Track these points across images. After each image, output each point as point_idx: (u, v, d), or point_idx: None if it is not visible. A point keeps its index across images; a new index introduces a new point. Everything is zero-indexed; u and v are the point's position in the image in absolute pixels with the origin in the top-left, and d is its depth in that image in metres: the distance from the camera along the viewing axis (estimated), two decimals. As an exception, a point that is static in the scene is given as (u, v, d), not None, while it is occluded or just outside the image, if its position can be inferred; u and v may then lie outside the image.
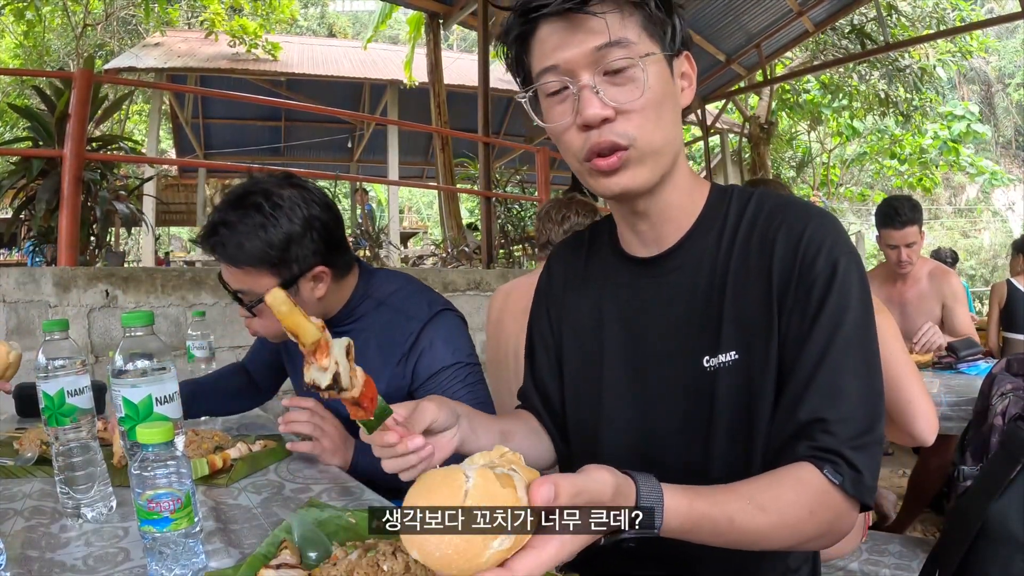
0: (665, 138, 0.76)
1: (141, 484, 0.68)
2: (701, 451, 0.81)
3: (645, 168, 0.76)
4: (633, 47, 0.72)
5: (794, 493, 0.68)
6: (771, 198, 0.82)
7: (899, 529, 2.33)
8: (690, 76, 0.80)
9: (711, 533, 0.64)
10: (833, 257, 0.75)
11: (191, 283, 2.97)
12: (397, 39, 17.50)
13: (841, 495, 0.69)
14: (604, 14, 0.71)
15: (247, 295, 1.20)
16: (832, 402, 0.71)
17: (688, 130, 12.36)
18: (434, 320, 1.26)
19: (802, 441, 0.72)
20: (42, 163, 3.64)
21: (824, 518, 0.69)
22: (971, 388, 1.72)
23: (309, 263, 1.19)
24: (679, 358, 0.82)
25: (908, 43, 9.38)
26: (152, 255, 8.85)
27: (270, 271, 1.17)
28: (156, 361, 0.86)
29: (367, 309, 1.30)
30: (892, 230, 2.48)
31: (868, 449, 0.71)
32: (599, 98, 0.73)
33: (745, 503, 0.65)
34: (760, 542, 0.67)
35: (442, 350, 1.24)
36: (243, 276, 1.17)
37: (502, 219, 7.32)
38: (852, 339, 0.73)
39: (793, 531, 0.68)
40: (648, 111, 0.74)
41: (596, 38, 0.72)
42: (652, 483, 0.61)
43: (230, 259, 1.16)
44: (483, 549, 0.49)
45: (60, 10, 11.51)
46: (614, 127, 0.73)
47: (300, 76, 9.80)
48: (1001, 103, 23.24)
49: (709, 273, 0.81)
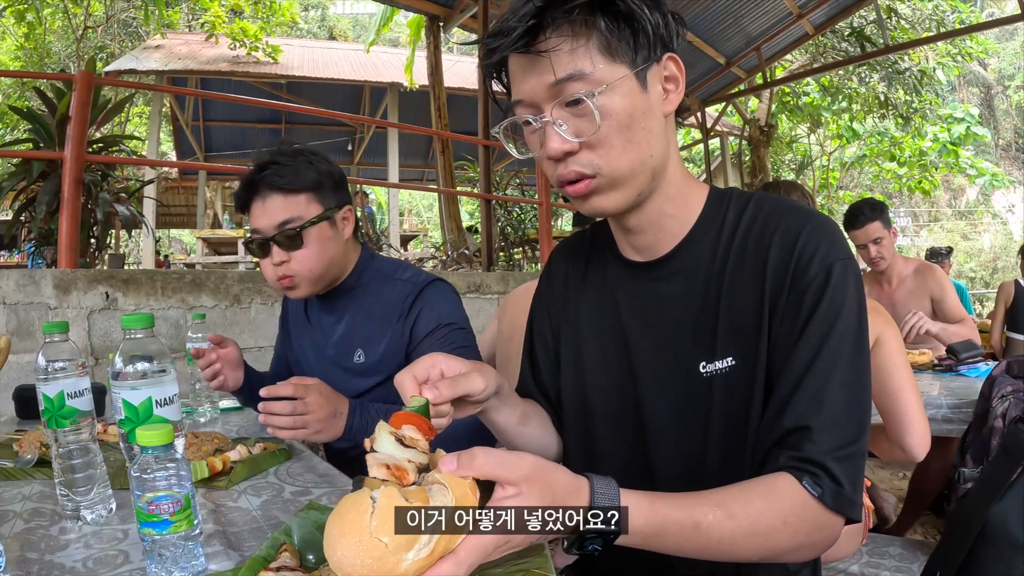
0: (635, 160, 0.74)
1: (141, 486, 0.68)
2: (696, 458, 0.81)
3: (617, 192, 0.76)
4: (588, 77, 0.70)
5: (766, 502, 0.67)
6: (769, 202, 0.81)
7: (899, 532, 2.32)
8: (676, 78, 0.77)
9: (677, 538, 0.63)
10: (827, 263, 0.73)
11: (191, 285, 2.97)
12: (398, 42, 17.53)
13: (820, 507, 0.68)
14: (556, 49, 0.70)
15: (294, 223, 1.31)
16: (817, 410, 0.70)
17: (688, 133, 12.39)
18: (432, 285, 1.39)
19: (784, 450, 0.71)
20: (43, 165, 3.64)
21: (800, 529, 0.68)
22: (971, 390, 1.72)
23: (341, 200, 1.39)
24: (675, 364, 0.81)
25: (908, 45, 9.38)
26: (152, 257, 8.85)
27: (317, 198, 1.34)
28: (156, 363, 0.86)
29: (370, 278, 1.44)
30: (855, 231, 2.58)
31: (851, 460, 0.69)
32: (559, 132, 0.72)
33: (712, 508, 0.64)
34: (731, 551, 0.66)
35: (438, 310, 1.36)
36: (292, 203, 1.31)
37: (502, 222, 7.32)
38: (842, 347, 0.72)
39: (764, 540, 0.66)
40: (611, 139, 0.72)
41: (552, 73, 0.71)
42: (609, 483, 0.61)
43: (285, 185, 1.30)
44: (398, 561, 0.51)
45: (61, 12, 11.55)
46: (579, 158, 0.73)
47: (300, 79, 9.82)
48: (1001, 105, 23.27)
49: (705, 278, 0.80)
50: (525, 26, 0.70)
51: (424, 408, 0.67)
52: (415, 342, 1.35)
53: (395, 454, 0.59)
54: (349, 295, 1.44)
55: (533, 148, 0.78)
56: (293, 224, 1.31)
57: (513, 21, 0.71)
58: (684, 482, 0.69)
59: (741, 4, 7.83)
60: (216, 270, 3.58)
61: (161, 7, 9.67)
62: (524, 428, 0.90)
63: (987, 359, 2.18)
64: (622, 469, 0.87)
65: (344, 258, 1.41)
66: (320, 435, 1.15)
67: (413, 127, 9.04)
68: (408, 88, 9.36)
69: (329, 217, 1.35)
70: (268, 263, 1.35)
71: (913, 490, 2.32)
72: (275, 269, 1.34)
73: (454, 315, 1.37)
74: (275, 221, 1.31)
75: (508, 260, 7.38)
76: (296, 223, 1.31)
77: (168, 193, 11.67)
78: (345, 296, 1.44)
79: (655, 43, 0.73)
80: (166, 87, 8.92)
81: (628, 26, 0.71)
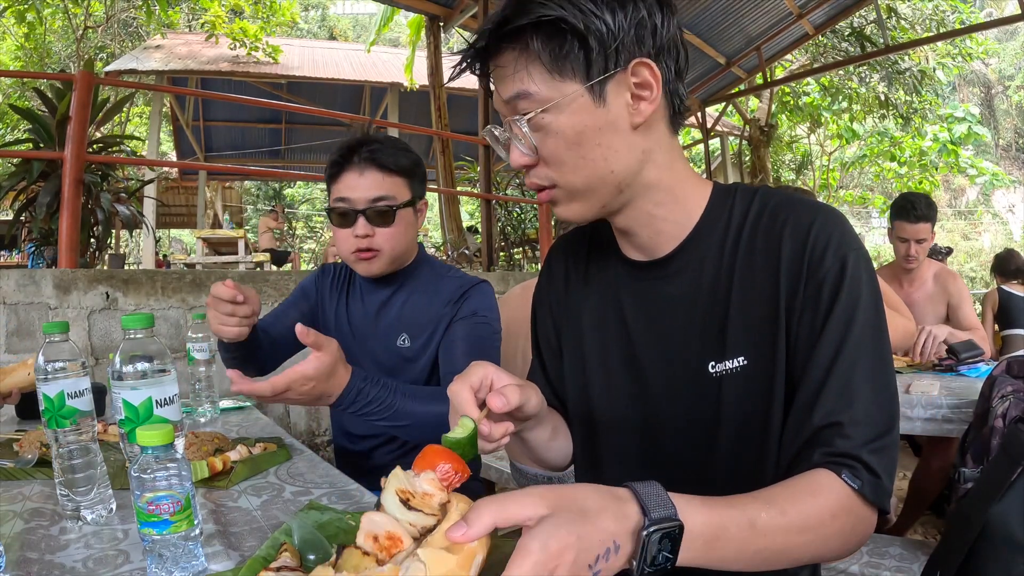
0: (591, 176, 0.73)
1: (141, 486, 0.68)
2: (705, 460, 0.79)
3: (577, 203, 0.77)
4: (533, 97, 0.70)
5: (812, 497, 0.65)
6: (775, 195, 0.80)
7: (900, 532, 2.32)
8: (650, 84, 0.72)
9: (737, 541, 0.58)
10: (842, 253, 0.72)
11: (191, 285, 2.97)
12: (398, 42, 17.53)
13: (860, 500, 0.67)
14: (502, 67, 0.72)
15: (389, 200, 1.37)
16: (847, 405, 0.69)
17: (688, 133, 12.37)
18: (483, 283, 1.46)
19: (817, 447, 0.69)
20: (43, 165, 3.64)
21: (847, 523, 0.66)
22: (971, 390, 1.71)
23: (423, 192, 1.47)
24: (683, 363, 0.80)
25: (908, 45, 9.38)
26: (152, 257, 8.85)
27: (408, 184, 1.41)
28: (156, 363, 0.86)
29: (425, 272, 1.50)
30: (906, 223, 2.50)
31: (886, 452, 0.69)
32: (517, 147, 0.75)
33: (763, 506, 0.61)
34: (784, 551, 0.62)
35: (480, 302, 1.42)
36: (389, 182, 1.38)
37: (502, 222, 7.32)
38: (864, 338, 0.71)
39: (816, 537, 0.63)
40: (561, 156, 0.73)
41: (505, 90, 0.72)
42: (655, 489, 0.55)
43: (386, 164, 1.37)
44: None
45: (61, 12, 11.54)
46: (537, 171, 0.76)
47: (300, 79, 9.81)
48: (1001, 105, 23.26)
49: (713, 276, 0.79)
50: (475, 49, 0.73)
51: (468, 439, 0.63)
52: (452, 323, 1.41)
53: (396, 515, 0.56)
54: (404, 281, 1.48)
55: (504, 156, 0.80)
56: (388, 201, 1.37)
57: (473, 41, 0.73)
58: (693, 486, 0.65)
59: (741, 4, 7.83)
60: (216, 270, 3.57)
61: (163, 6, 9.67)
62: (554, 442, 0.89)
63: (987, 359, 2.18)
64: (629, 474, 0.86)
65: (412, 245, 1.48)
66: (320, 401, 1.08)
67: (413, 127, 9.03)
68: (408, 88, 9.36)
69: (414, 204, 1.43)
70: (348, 233, 1.37)
71: (913, 490, 2.32)
72: (356, 240, 1.37)
73: (491, 312, 1.43)
74: (370, 195, 1.36)
75: (508, 260, 7.37)
76: (390, 201, 1.37)
77: (168, 193, 11.65)
78: (399, 281, 1.48)
79: (614, 53, 0.69)
80: (166, 87, 8.91)
81: (576, 41, 0.68)
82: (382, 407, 1.13)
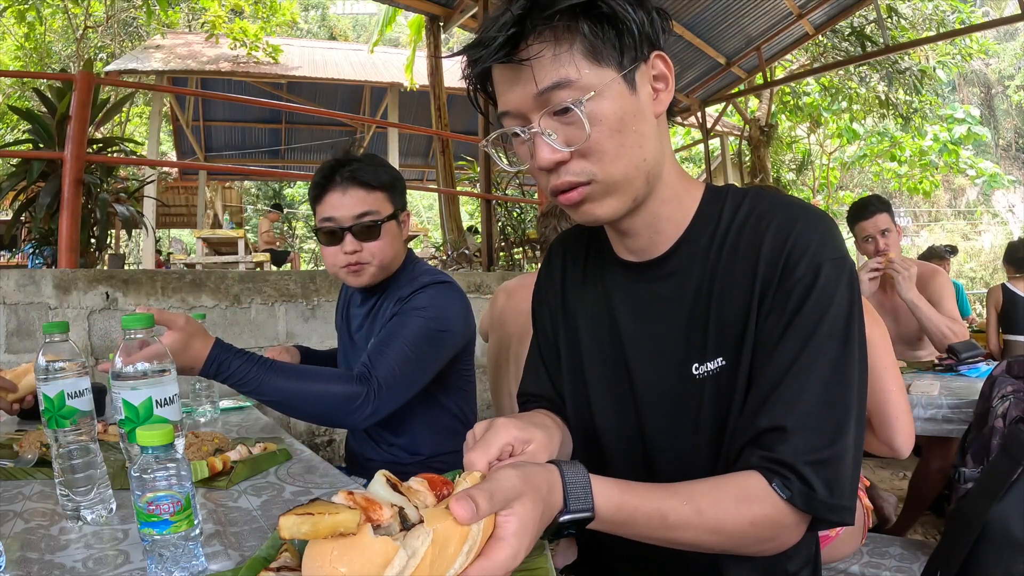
0: (629, 165, 0.72)
1: (141, 486, 0.68)
2: (689, 459, 0.80)
3: (611, 199, 0.74)
4: (575, 84, 0.68)
5: (735, 502, 0.67)
6: (765, 198, 0.79)
7: (900, 532, 2.32)
8: (666, 77, 0.74)
9: (644, 528, 0.65)
10: (817, 261, 0.72)
11: (191, 285, 2.97)
12: (398, 42, 17.53)
13: (789, 509, 0.68)
14: (539, 57, 0.68)
15: (373, 215, 1.43)
16: (792, 411, 0.69)
17: (688, 133, 12.38)
18: (437, 284, 1.45)
19: (758, 449, 0.70)
20: (43, 165, 3.64)
21: (766, 531, 0.68)
22: (972, 390, 1.71)
23: (404, 204, 1.52)
24: (669, 364, 0.80)
25: (908, 45, 9.36)
26: (152, 257, 8.84)
27: (390, 197, 1.47)
28: (156, 363, 0.86)
29: (404, 280, 1.52)
30: (864, 221, 2.54)
31: (828, 464, 0.68)
32: (549, 143, 0.70)
33: (680, 503, 0.65)
34: (694, 545, 0.68)
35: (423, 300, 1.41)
36: (372, 198, 1.43)
37: (502, 222, 7.31)
38: (825, 348, 0.70)
39: (728, 538, 0.68)
40: (603, 145, 0.70)
41: (543, 78, 0.68)
42: (577, 470, 0.63)
43: (367, 180, 1.42)
44: None
45: (61, 12, 11.54)
46: (570, 167, 0.72)
47: (301, 79, 9.80)
48: (1001, 105, 23.27)
49: (699, 278, 0.79)
50: (506, 35, 0.68)
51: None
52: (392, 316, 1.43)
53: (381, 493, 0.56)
54: (387, 288, 1.52)
55: (524, 159, 0.76)
56: (372, 217, 1.43)
57: (493, 31, 0.69)
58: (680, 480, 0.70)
59: (741, 4, 7.82)
60: (216, 270, 3.57)
61: (163, 6, 9.66)
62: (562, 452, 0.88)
63: (987, 359, 2.18)
64: (627, 466, 0.87)
65: (399, 254, 1.52)
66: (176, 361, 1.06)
67: (413, 127, 9.04)
68: (408, 88, 9.36)
69: (396, 216, 1.49)
70: (337, 250, 1.44)
71: (913, 490, 2.32)
72: (345, 256, 1.43)
73: (435, 310, 1.40)
74: (355, 212, 1.42)
75: (508, 260, 7.37)
76: (375, 216, 1.43)
77: (168, 193, 11.65)
78: (384, 288, 1.53)
79: (641, 43, 0.71)
80: (166, 87, 8.90)
81: (612, 28, 0.69)
82: (245, 379, 1.16)
